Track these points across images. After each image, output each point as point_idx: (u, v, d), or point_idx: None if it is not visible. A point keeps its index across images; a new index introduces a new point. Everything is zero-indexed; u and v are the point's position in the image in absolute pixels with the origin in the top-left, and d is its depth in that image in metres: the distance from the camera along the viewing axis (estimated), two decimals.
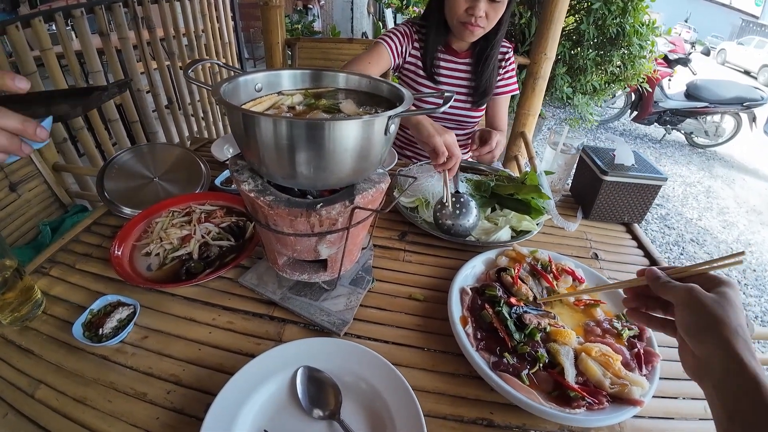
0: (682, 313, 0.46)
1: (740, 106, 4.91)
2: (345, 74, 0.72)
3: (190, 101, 2.88)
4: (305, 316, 0.73)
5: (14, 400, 0.61)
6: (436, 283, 0.86)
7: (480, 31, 1.24)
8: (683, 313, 0.46)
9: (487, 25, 1.23)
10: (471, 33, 1.24)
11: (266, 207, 0.59)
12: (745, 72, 12.90)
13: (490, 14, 1.20)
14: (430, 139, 0.94)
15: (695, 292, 0.45)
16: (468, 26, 1.21)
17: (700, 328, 0.44)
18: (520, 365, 0.65)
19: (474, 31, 1.23)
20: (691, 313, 0.45)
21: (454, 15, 1.22)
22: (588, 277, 0.86)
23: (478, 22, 1.20)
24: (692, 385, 0.70)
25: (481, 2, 1.15)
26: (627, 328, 0.73)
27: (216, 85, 0.58)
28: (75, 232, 0.96)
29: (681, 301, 0.46)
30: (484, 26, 1.22)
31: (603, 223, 1.15)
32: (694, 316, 0.45)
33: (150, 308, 0.76)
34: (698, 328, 0.44)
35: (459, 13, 1.20)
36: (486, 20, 1.21)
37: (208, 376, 0.65)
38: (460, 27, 1.24)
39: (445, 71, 1.42)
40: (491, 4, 1.18)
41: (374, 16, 7.55)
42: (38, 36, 1.81)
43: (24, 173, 1.65)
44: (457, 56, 1.41)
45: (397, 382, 0.60)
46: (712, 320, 0.43)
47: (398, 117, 0.57)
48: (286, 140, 0.54)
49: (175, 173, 1.11)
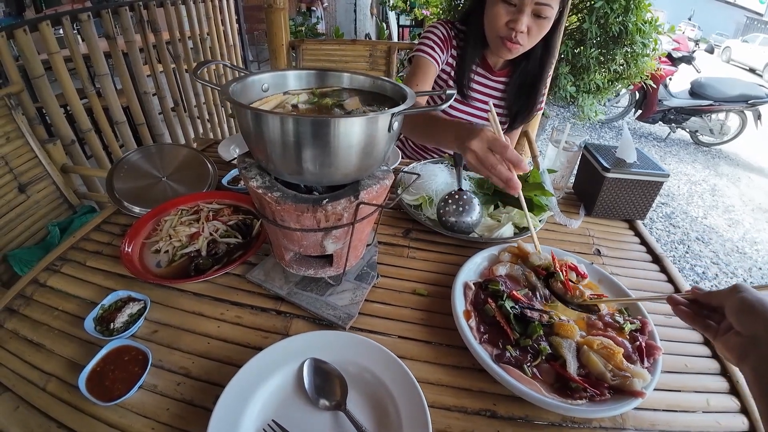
0: (735, 298, 0.52)
1: (745, 103, 4.88)
2: (349, 74, 0.74)
3: (196, 103, 2.91)
4: (311, 311, 0.75)
5: (26, 393, 0.63)
6: (440, 278, 0.88)
7: (519, 49, 1.11)
8: (736, 298, 0.52)
9: (528, 42, 1.10)
10: (509, 50, 1.11)
11: (273, 203, 0.60)
12: (750, 69, 12.81)
13: (533, 31, 1.06)
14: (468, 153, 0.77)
15: (744, 285, 0.53)
16: (507, 42, 1.08)
17: (751, 306, 0.50)
18: (522, 357, 0.67)
19: (512, 49, 1.10)
20: (743, 298, 0.51)
21: (493, 27, 1.09)
22: (590, 273, 0.87)
23: (518, 39, 1.06)
24: (695, 378, 0.72)
25: (524, 16, 1.02)
26: (629, 321, 0.74)
27: (225, 85, 0.60)
28: (85, 231, 0.98)
29: (735, 290, 0.53)
30: (524, 44, 1.09)
31: (605, 219, 1.16)
32: (747, 299, 0.50)
33: (160, 303, 0.78)
34: (750, 306, 0.50)
35: (499, 25, 1.07)
36: (527, 37, 1.08)
37: (216, 369, 0.66)
38: (497, 42, 1.11)
39: (478, 87, 1.30)
40: (536, 20, 1.04)
41: (377, 17, 7.57)
42: (46, 40, 1.84)
43: (33, 174, 1.68)
44: (492, 73, 1.29)
45: (402, 374, 0.62)
46: (761, 302, 0.49)
47: (401, 114, 0.59)
48: (292, 137, 0.55)
49: (182, 173, 1.13)
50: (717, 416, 0.67)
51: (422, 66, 1.19)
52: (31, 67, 1.80)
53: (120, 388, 0.62)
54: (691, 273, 3.00)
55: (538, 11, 1.02)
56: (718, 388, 0.71)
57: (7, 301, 0.79)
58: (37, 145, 1.69)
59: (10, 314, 0.76)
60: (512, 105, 1.32)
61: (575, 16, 2.64)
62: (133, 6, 2.28)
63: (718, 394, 0.70)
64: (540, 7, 1.01)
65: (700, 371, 0.74)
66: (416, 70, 1.19)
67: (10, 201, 1.59)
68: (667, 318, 0.84)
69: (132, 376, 0.64)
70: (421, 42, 1.23)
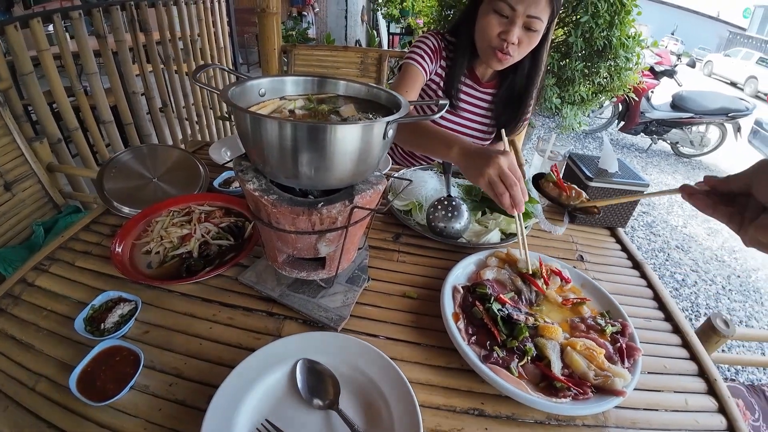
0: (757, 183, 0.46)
1: (725, 116, 5.04)
2: (345, 81, 0.76)
3: (185, 104, 2.90)
4: (304, 312, 0.76)
5: (15, 393, 0.62)
6: (429, 282, 0.90)
7: (509, 60, 1.13)
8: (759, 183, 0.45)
9: (518, 54, 1.12)
10: (499, 61, 1.13)
11: (270, 205, 0.62)
12: (731, 83, 13.16)
13: (523, 43, 1.09)
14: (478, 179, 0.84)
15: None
16: (498, 53, 1.10)
17: None
18: (509, 358, 0.69)
19: (503, 60, 1.12)
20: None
21: (484, 38, 1.11)
22: (574, 277, 0.90)
23: (509, 50, 1.09)
24: (673, 379, 0.75)
25: (516, 28, 1.05)
26: (610, 324, 0.77)
27: (224, 89, 0.61)
28: (74, 231, 0.97)
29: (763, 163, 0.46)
30: (514, 55, 1.11)
31: (588, 227, 1.20)
32: None
33: (151, 304, 0.78)
34: None
35: (491, 36, 1.09)
36: (517, 49, 1.10)
37: (209, 369, 0.67)
38: (489, 52, 1.13)
39: (465, 97, 1.33)
40: (526, 33, 1.07)
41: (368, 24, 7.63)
42: (36, 37, 1.82)
43: (18, 173, 1.66)
44: (480, 84, 1.32)
45: (393, 374, 0.63)
46: None
47: (395, 123, 0.61)
48: (290, 142, 0.57)
49: (173, 174, 1.13)
50: (695, 415, 0.70)
51: (411, 74, 1.21)
52: (20, 63, 1.78)
53: (111, 389, 0.62)
54: (671, 280, 3.08)
55: (528, 24, 1.06)
56: (696, 388, 0.75)
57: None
58: (24, 143, 1.66)
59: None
60: (500, 116, 1.35)
61: (561, 30, 2.71)
62: (125, 5, 2.27)
63: (696, 395, 0.74)
64: (531, 20, 1.04)
65: (679, 372, 0.78)
66: (405, 77, 1.21)
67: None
68: (646, 321, 0.88)
69: (123, 376, 0.63)
70: (411, 51, 1.26)
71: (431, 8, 3.22)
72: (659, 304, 0.94)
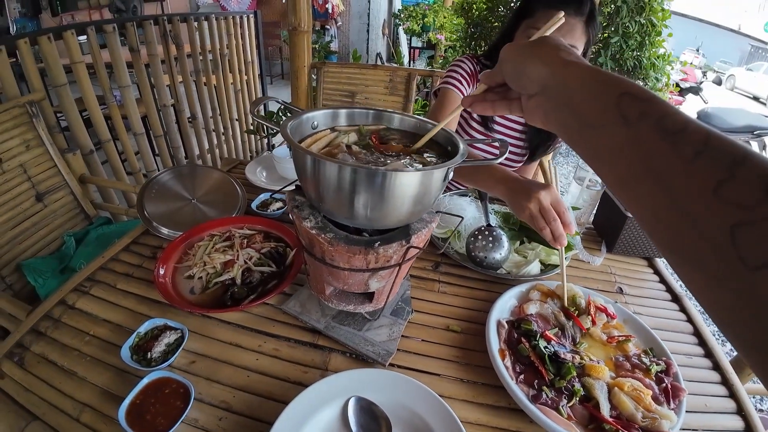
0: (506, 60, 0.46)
1: (751, 134, 4.94)
2: (400, 115, 0.76)
3: (212, 115, 2.93)
4: (350, 346, 0.75)
5: (58, 424, 0.62)
6: (471, 314, 0.88)
7: None
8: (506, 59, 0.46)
9: None
10: None
11: (326, 243, 0.61)
12: (754, 98, 12.91)
13: None
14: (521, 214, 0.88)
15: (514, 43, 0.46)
16: None
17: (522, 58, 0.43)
18: (558, 399, 0.68)
19: None
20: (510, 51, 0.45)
21: None
22: (617, 313, 0.88)
23: None
24: (713, 417, 0.74)
25: None
26: (654, 363, 0.76)
27: (283, 124, 0.62)
28: (114, 251, 0.97)
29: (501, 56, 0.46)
30: None
31: (626, 257, 1.17)
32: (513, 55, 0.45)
33: (196, 333, 0.78)
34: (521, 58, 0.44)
35: None
36: None
37: (258, 404, 0.66)
38: None
39: (500, 119, 1.34)
40: None
41: (388, 37, 7.70)
42: (69, 48, 1.86)
43: (51, 184, 1.69)
44: None
45: (445, 414, 0.62)
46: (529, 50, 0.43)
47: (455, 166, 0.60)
48: (348, 184, 0.57)
49: (212, 196, 1.14)
50: None
51: (450, 99, 1.22)
52: (53, 75, 1.82)
53: (162, 423, 0.61)
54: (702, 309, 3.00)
55: None
56: (735, 426, 0.74)
57: (33, 322, 0.77)
58: (56, 154, 1.70)
59: (37, 336, 0.75)
60: (532, 139, 1.36)
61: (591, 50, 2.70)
62: (158, 20, 2.32)
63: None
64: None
65: (718, 410, 0.76)
66: (444, 102, 1.22)
67: (27, 210, 1.59)
68: (687, 358, 0.86)
69: (173, 410, 0.63)
70: (447, 75, 1.26)
71: (456, 25, 3.23)
72: (699, 339, 0.92)
